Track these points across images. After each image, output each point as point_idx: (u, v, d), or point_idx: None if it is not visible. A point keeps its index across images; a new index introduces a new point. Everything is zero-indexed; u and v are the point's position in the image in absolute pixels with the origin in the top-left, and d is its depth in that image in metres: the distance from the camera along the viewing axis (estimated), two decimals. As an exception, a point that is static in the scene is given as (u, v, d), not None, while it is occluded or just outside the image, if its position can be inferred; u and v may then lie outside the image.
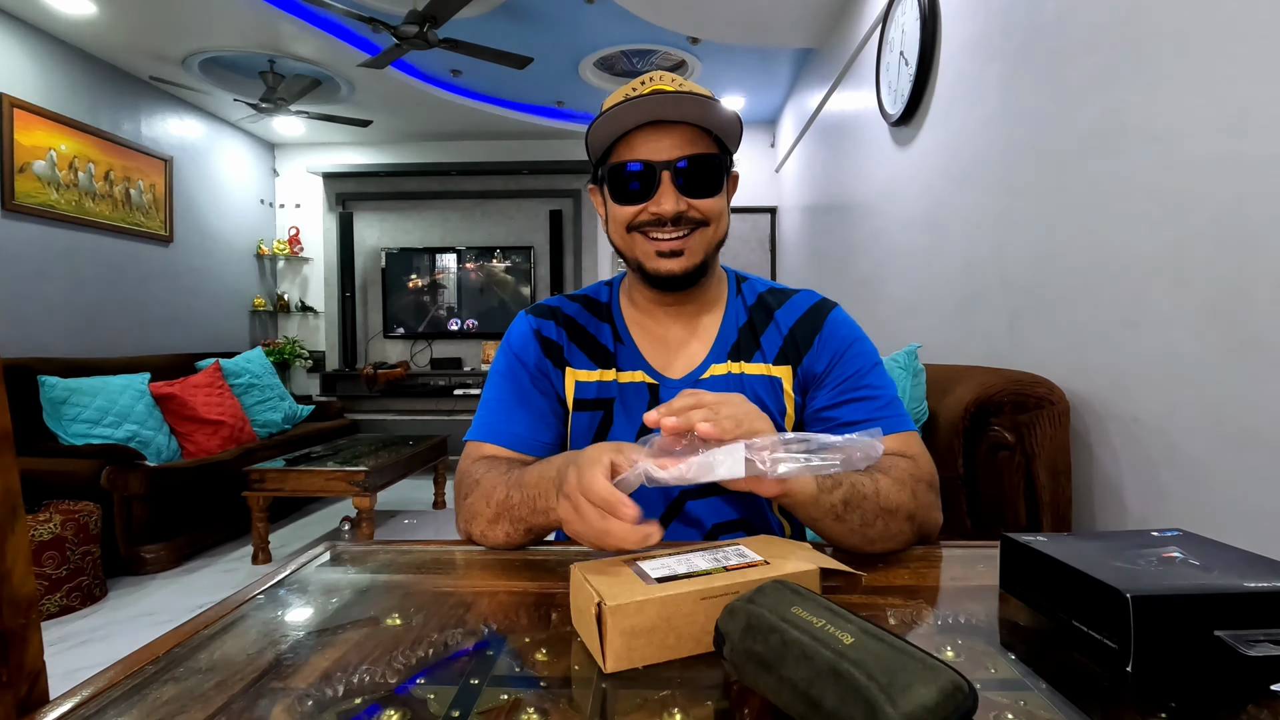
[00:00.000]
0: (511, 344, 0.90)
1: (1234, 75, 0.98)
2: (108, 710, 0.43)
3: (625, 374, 0.87)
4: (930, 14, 2.05)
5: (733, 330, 0.88)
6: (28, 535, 0.48)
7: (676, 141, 0.78)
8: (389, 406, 5.17)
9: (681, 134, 0.78)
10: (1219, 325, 1.01)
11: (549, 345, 0.89)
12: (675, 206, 0.78)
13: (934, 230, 2.10)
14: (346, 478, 2.90)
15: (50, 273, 3.37)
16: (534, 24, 3.55)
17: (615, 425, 0.85)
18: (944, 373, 1.65)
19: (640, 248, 0.81)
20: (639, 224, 0.80)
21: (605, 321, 0.91)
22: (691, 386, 0.85)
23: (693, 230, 0.80)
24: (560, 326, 0.90)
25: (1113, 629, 0.43)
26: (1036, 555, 0.52)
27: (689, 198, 0.79)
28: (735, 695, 0.43)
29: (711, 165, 0.79)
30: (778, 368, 0.86)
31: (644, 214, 0.79)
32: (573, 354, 0.89)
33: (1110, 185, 1.26)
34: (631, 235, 0.81)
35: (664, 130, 0.78)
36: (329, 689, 0.45)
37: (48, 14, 3.19)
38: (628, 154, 0.79)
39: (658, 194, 0.78)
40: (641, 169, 0.78)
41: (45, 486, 2.67)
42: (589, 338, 0.90)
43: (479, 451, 0.83)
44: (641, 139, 0.78)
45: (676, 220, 0.79)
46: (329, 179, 5.36)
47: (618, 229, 0.83)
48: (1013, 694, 0.43)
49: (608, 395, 0.86)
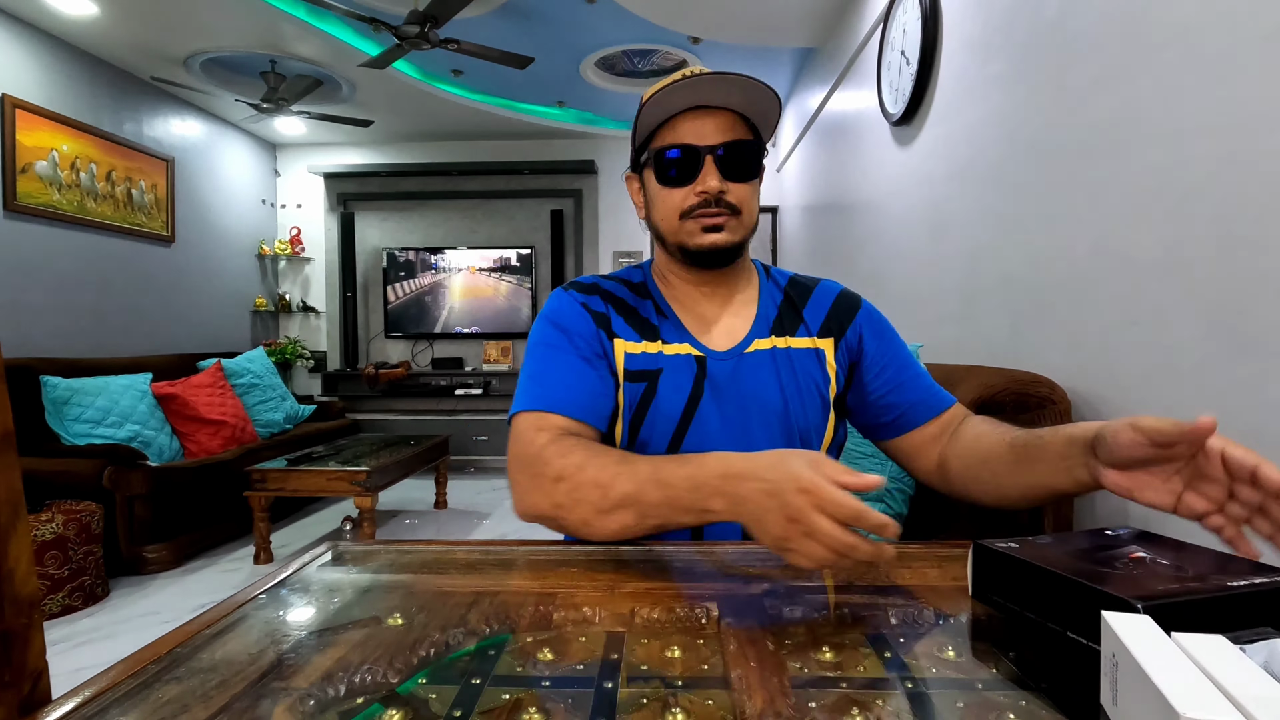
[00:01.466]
0: (557, 318, 0.89)
1: (1236, 74, 0.98)
2: (110, 710, 0.43)
3: (671, 346, 0.88)
4: (931, 13, 2.05)
5: (771, 308, 0.93)
6: (30, 535, 0.48)
7: (719, 126, 0.83)
8: (390, 406, 5.17)
9: (722, 119, 0.83)
10: (1221, 324, 1.01)
11: (599, 317, 0.89)
12: (719, 185, 0.83)
13: (935, 229, 2.09)
14: (348, 478, 2.90)
15: (52, 273, 3.38)
16: (535, 24, 3.55)
17: (660, 397, 0.85)
18: (945, 372, 1.65)
19: (687, 229, 0.85)
20: (691, 209, 0.84)
21: (645, 298, 0.93)
22: (737, 359, 0.87)
23: (730, 215, 0.85)
24: (605, 300, 0.91)
25: None
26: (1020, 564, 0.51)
27: (729, 180, 0.83)
28: (737, 694, 0.43)
29: (749, 150, 0.85)
30: (821, 340, 0.91)
31: (691, 197, 0.84)
32: (619, 326, 0.89)
33: (1112, 184, 1.25)
34: (682, 222, 0.85)
35: (706, 115, 0.83)
36: (331, 688, 0.45)
37: (50, 15, 3.20)
38: (672, 138, 0.84)
39: (702, 174, 0.83)
40: (684, 154, 0.83)
41: (47, 486, 2.67)
42: (632, 310, 0.91)
43: (543, 423, 0.78)
44: (686, 123, 0.83)
45: (718, 201, 0.83)
46: (330, 179, 5.36)
47: (668, 215, 0.86)
48: (1013, 694, 0.43)
49: (654, 367, 0.86)
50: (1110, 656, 0.39)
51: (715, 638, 0.51)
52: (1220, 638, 0.38)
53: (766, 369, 0.87)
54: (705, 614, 0.55)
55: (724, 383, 0.86)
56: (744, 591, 0.60)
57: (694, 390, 0.86)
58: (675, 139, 0.84)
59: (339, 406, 4.76)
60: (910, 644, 0.50)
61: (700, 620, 0.54)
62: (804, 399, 0.87)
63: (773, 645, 0.50)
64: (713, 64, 4.05)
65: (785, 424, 0.86)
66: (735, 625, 0.53)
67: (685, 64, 4.09)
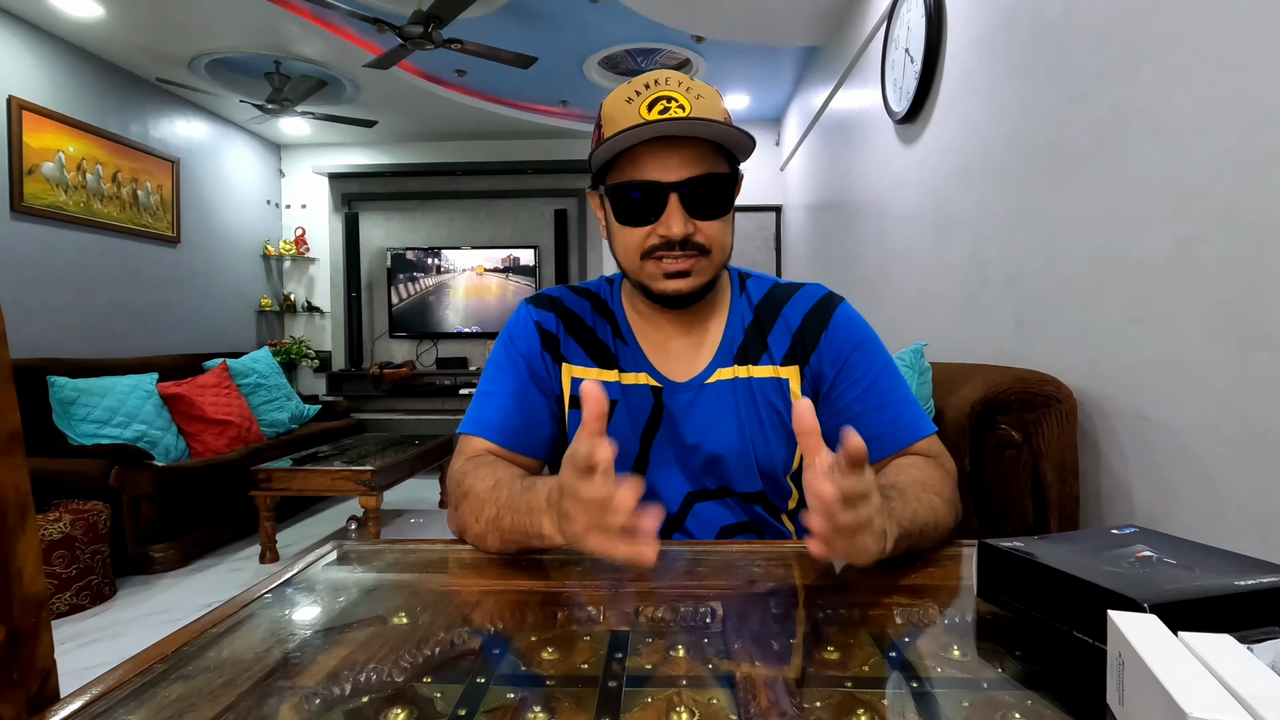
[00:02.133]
0: (511, 335, 0.87)
1: (1241, 70, 0.97)
2: (117, 708, 0.43)
3: (629, 375, 0.85)
4: (936, 11, 2.04)
5: (738, 332, 0.86)
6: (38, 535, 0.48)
7: (685, 159, 0.74)
8: (395, 406, 5.18)
9: (690, 150, 0.74)
10: (1227, 322, 1.00)
11: (547, 338, 0.86)
12: (684, 229, 0.74)
13: (940, 228, 2.09)
14: (353, 477, 2.91)
15: (59, 274, 3.39)
16: (538, 23, 3.55)
17: (614, 431, 0.81)
18: (950, 371, 1.65)
19: (648, 270, 0.78)
20: (650, 249, 0.77)
21: (606, 319, 0.89)
22: (696, 390, 0.83)
23: (698, 254, 0.77)
24: (560, 319, 0.87)
25: None
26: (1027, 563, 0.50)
27: (696, 219, 0.75)
28: (742, 694, 0.43)
29: (720, 185, 0.76)
30: (785, 368, 0.84)
31: (652, 237, 0.76)
32: (570, 349, 0.86)
33: (1117, 181, 1.25)
34: (643, 262, 0.78)
35: (672, 145, 0.74)
36: (336, 687, 0.45)
37: (55, 17, 3.21)
38: (633, 171, 0.75)
39: (665, 215, 0.75)
40: (647, 188, 0.75)
41: (55, 486, 2.68)
42: (588, 332, 0.87)
43: (471, 448, 0.81)
44: (648, 155, 0.74)
45: (684, 243, 0.75)
46: (335, 179, 5.38)
47: (627, 253, 0.79)
48: (1019, 693, 0.43)
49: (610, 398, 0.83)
50: (1117, 656, 0.39)
51: (719, 637, 0.51)
52: (1227, 637, 0.38)
53: (726, 401, 0.83)
54: (709, 613, 0.55)
55: (680, 415, 0.83)
56: (748, 591, 0.60)
57: (649, 422, 0.83)
58: (636, 174, 0.74)
59: (344, 406, 4.77)
60: (915, 643, 0.50)
61: (704, 620, 0.54)
62: (766, 431, 0.82)
63: (777, 645, 0.50)
64: (715, 63, 4.04)
65: (744, 458, 0.82)
66: (739, 625, 0.53)
67: (689, 63, 4.08)
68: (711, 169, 0.75)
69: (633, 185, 0.75)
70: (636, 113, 0.74)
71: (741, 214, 5.16)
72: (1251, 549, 0.97)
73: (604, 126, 0.77)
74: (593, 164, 0.79)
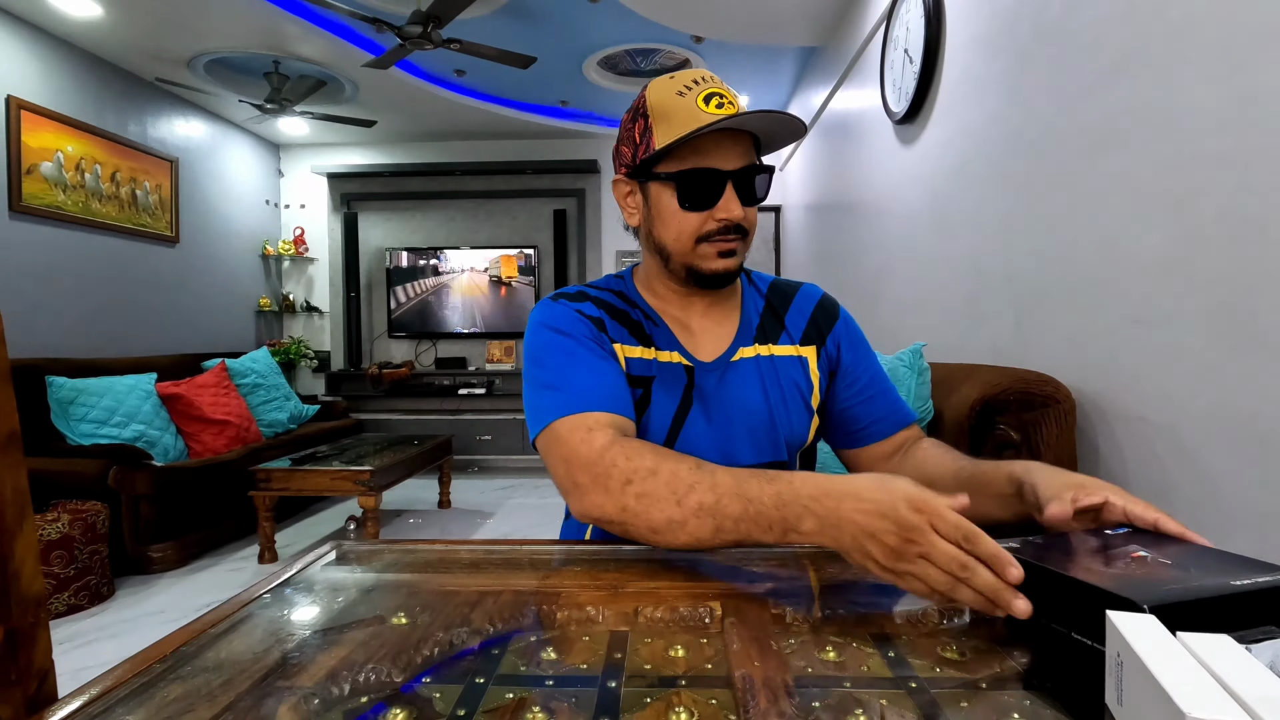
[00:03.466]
0: (556, 323, 0.84)
1: (1240, 70, 0.97)
2: (115, 708, 0.43)
3: (664, 354, 0.88)
4: (935, 11, 2.04)
5: (754, 315, 0.93)
6: (36, 535, 0.48)
7: (740, 150, 0.81)
8: (394, 406, 5.18)
9: (742, 142, 0.81)
10: (1226, 323, 1.00)
11: (596, 321, 0.86)
12: (741, 213, 0.81)
13: (939, 228, 2.09)
14: (352, 477, 2.91)
15: (57, 274, 3.39)
16: (538, 23, 3.55)
17: (654, 405, 0.84)
18: (949, 371, 1.65)
19: (700, 251, 0.83)
20: (708, 233, 0.82)
21: (633, 306, 0.91)
22: (722, 369, 0.88)
23: (741, 237, 0.84)
24: (597, 306, 0.88)
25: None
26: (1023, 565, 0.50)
27: (744, 204, 0.82)
28: (741, 693, 0.43)
29: (763, 174, 0.84)
30: (804, 348, 0.92)
31: (710, 222, 0.81)
32: (615, 330, 0.87)
33: (1116, 182, 1.25)
34: (698, 245, 0.83)
35: (730, 137, 0.80)
36: (335, 688, 0.45)
37: (54, 17, 3.21)
38: (697, 160, 0.80)
39: (724, 200, 0.81)
40: (710, 175, 0.80)
41: (53, 486, 2.68)
42: (623, 314, 0.89)
43: (591, 423, 0.73)
44: (713, 145, 0.80)
45: (736, 226, 0.82)
46: (334, 179, 5.37)
47: (681, 237, 0.83)
48: (1017, 694, 0.43)
49: (649, 374, 0.86)
50: (1115, 657, 0.39)
51: (719, 637, 0.51)
52: (1226, 637, 0.38)
53: (752, 378, 0.88)
54: (709, 613, 0.55)
55: (711, 392, 0.86)
56: (748, 590, 0.60)
57: (683, 399, 0.86)
58: (701, 161, 0.79)
59: (343, 406, 4.77)
60: (914, 643, 0.50)
61: (704, 619, 0.54)
62: (789, 406, 0.88)
63: (776, 644, 0.50)
64: (714, 64, 4.04)
65: (771, 432, 0.86)
66: (739, 624, 0.53)
67: (688, 63, 4.08)
68: (754, 160, 0.83)
69: (698, 172, 0.80)
70: (694, 105, 0.79)
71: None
72: (1250, 548, 0.97)
73: (655, 118, 0.81)
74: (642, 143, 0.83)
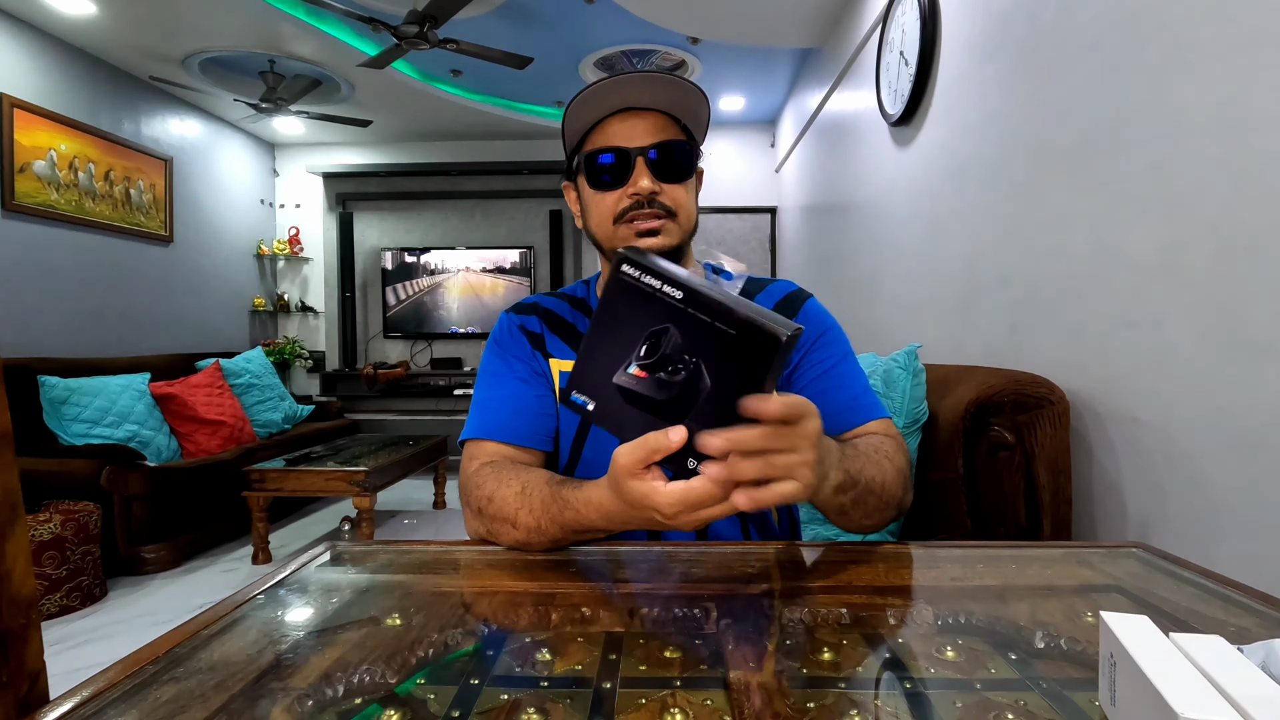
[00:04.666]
0: (499, 341, 0.93)
1: (1232, 74, 0.98)
2: (108, 710, 0.43)
3: None
4: (930, 14, 2.05)
5: None
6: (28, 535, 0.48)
7: (649, 128, 0.82)
8: (389, 406, 5.17)
9: (652, 121, 0.82)
10: (1219, 324, 1.01)
11: (533, 337, 0.92)
12: (652, 185, 0.80)
13: (934, 230, 2.10)
14: (346, 478, 2.90)
15: (50, 273, 3.37)
16: (534, 24, 3.55)
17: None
18: (944, 373, 1.65)
19: (621, 234, 0.83)
20: (623, 211, 0.82)
21: (584, 312, 0.94)
22: None
23: (665, 217, 0.82)
24: (541, 319, 0.93)
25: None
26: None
27: (662, 182, 0.81)
28: (736, 694, 0.43)
29: (681, 151, 0.83)
30: None
31: (623, 200, 0.82)
32: (553, 344, 0.91)
33: (1110, 184, 1.26)
34: (616, 226, 0.83)
35: (636, 117, 0.82)
36: (329, 689, 0.45)
37: (48, 14, 3.19)
38: (602, 141, 0.82)
39: (634, 176, 0.81)
40: (615, 157, 0.81)
41: (45, 486, 2.67)
42: (569, 327, 0.92)
43: (481, 452, 0.84)
44: (615, 126, 0.82)
45: (651, 202, 0.81)
46: (329, 179, 5.36)
47: (601, 221, 0.84)
48: (1012, 694, 0.43)
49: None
50: (1108, 657, 0.39)
51: (714, 638, 0.51)
52: (1218, 638, 0.38)
53: None
54: (704, 614, 0.55)
55: None
56: (743, 592, 0.60)
57: None
58: (605, 142, 0.82)
59: (337, 407, 4.75)
60: (908, 644, 0.50)
61: (699, 621, 0.54)
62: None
63: (771, 645, 0.50)
64: (710, 65, 4.05)
65: None
66: (734, 626, 0.53)
67: (684, 65, 4.09)
68: (673, 136, 0.82)
69: (602, 151, 0.82)
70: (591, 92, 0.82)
71: (736, 215, 5.17)
72: (1243, 548, 0.98)
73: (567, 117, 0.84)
74: (565, 141, 0.87)
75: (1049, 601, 0.59)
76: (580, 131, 0.85)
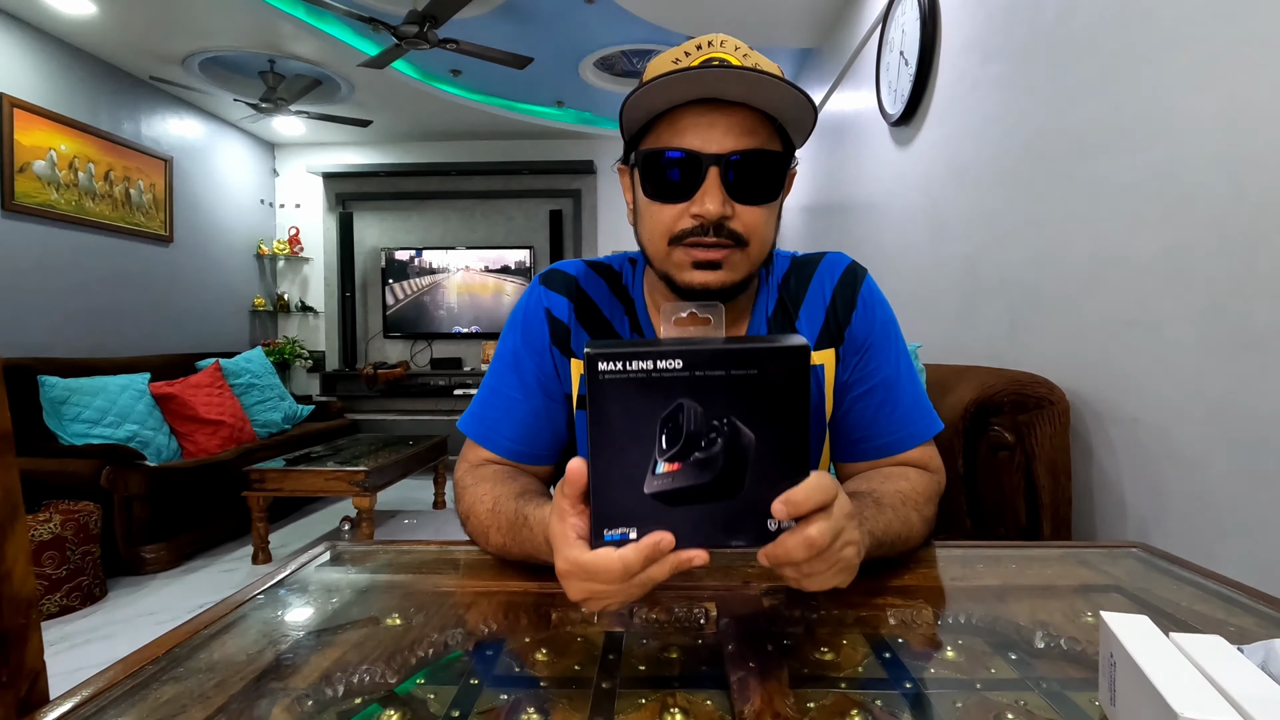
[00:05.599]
0: (522, 322, 0.80)
1: (1233, 74, 0.98)
2: (108, 710, 0.43)
3: None
4: (930, 14, 2.05)
5: (762, 325, 0.78)
6: (28, 535, 0.48)
7: (732, 128, 0.63)
8: (389, 406, 5.17)
9: (740, 119, 0.63)
10: (1219, 325, 1.01)
11: (557, 330, 0.78)
12: (720, 209, 0.63)
13: (934, 230, 2.09)
14: (346, 478, 2.90)
15: (50, 273, 3.37)
16: (534, 24, 3.55)
17: None
18: (944, 373, 1.65)
19: (674, 259, 0.67)
20: (681, 234, 0.65)
21: (625, 306, 0.80)
22: None
23: (734, 247, 0.65)
24: (573, 305, 0.79)
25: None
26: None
27: (736, 202, 0.64)
28: (736, 695, 0.43)
29: (769, 165, 0.65)
30: (821, 353, 0.76)
31: (684, 219, 0.65)
32: (578, 340, 0.78)
33: (1110, 184, 1.26)
34: (671, 248, 0.67)
35: (718, 112, 0.63)
36: (329, 689, 0.45)
37: (48, 14, 3.19)
38: (670, 137, 0.64)
39: (701, 192, 0.63)
40: (684, 159, 0.63)
41: (45, 486, 2.66)
42: (603, 324, 0.79)
43: (475, 455, 0.79)
44: (689, 121, 0.63)
45: (718, 228, 0.64)
46: (329, 179, 5.36)
47: (653, 237, 0.68)
48: (1012, 694, 0.43)
49: None
50: (1108, 657, 0.39)
51: (714, 638, 0.51)
52: (1218, 638, 0.38)
53: None
54: (704, 615, 0.55)
55: None
56: (743, 592, 0.60)
57: None
58: (674, 139, 0.64)
59: (337, 406, 4.75)
60: (908, 644, 0.50)
61: (699, 621, 0.54)
62: None
63: (771, 646, 0.50)
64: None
65: None
66: (734, 626, 0.53)
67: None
68: (762, 145, 0.64)
69: (667, 154, 0.64)
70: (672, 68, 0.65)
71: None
72: (1243, 548, 0.98)
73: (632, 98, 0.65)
74: (624, 123, 0.68)
75: (1049, 601, 0.59)
76: (645, 117, 0.66)
